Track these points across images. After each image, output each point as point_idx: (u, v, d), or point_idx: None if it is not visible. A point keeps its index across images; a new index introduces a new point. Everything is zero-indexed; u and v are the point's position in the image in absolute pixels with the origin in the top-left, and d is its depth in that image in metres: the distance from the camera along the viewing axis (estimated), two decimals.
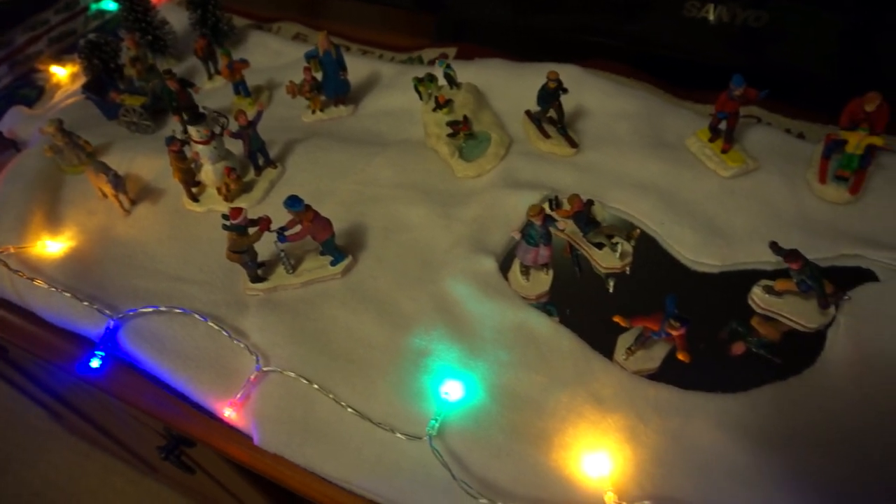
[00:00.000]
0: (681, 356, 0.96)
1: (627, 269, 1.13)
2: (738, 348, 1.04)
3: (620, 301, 1.10)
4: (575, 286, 1.14)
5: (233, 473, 1.35)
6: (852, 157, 1.10)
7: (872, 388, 0.93)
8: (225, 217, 1.07)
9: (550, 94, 1.23)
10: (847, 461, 0.87)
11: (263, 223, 1.10)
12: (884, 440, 0.88)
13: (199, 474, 1.51)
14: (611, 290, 1.12)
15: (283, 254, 1.14)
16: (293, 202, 1.07)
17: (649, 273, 1.13)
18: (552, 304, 1.11)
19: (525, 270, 1.11)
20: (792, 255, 0.94)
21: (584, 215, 1.11)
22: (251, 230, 1.10)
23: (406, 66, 1.60)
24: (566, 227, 1.04)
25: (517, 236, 1.06)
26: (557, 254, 1.16)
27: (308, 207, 1.08)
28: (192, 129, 1.24)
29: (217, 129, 1.28)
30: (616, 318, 0.96)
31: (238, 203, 1.31)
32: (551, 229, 1.05)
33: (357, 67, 1.58)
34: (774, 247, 0.96)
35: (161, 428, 1.35)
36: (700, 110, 1.36)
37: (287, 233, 1.10)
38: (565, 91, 1.24)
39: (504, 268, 1.14)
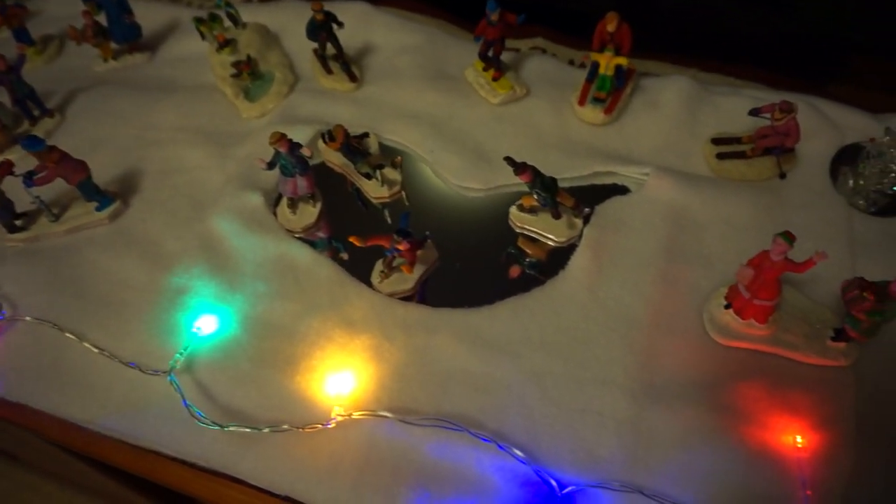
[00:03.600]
0: (405, 269, 0.98)
1: (405, 197, 1.14)
2: (515, 271, 1.06)
3: (394, 229, 1.11)
4: (352, 217, 1.14)
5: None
6: (605, 78, 1.13)
7: (604, 293, 0.98)
8: None
9: (319, 27, 1.21)
10: (572, 361, 0.92)
11: (4, 167, 1.04)
12: (608, 340, 0.93)
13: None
14: (388, 220, 1.13)
15: (38, 200, 1.08)
16: (32, 142, 1.01)
17: (421, 200, 1.14)
18: (339, 239, 1.10)
19: (292, 204, 1.10)
20: (520, 167, 0.96)
21: (349, 146, 1.10)
22: None
23: (208, 12, 1.54)
24: (310, 153, 1.03)
25: (261, 165, 1.04)
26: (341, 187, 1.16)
27: (53, 148, 1.03)
28: None
29: None
30: (351, 238, 0.97)
31: (9, 154, 1.23)
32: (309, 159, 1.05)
33: (157, 14, 1.52)
34: (508, 160, 0.98)
35: None
36: None
37: (35, 176, 1.05)
38: (340, 25, 1.23)
39: (277, 204, 1.13)
